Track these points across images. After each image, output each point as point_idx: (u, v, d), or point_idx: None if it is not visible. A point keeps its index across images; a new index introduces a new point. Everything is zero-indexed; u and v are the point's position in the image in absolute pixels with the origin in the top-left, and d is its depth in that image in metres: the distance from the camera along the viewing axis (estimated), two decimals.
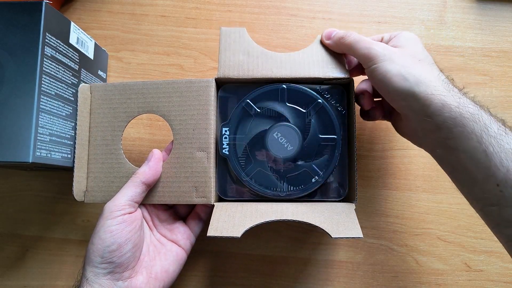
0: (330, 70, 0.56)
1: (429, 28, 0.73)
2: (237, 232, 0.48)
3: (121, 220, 0.51)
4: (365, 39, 0.53)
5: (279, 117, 0.56)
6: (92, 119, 0.59)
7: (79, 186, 0.58)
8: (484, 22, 0.73)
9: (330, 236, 0.47)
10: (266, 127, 0.56)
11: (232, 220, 0.50)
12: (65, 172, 0.69)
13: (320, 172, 0.56)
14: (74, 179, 0.57)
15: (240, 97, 0.58)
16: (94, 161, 0.58)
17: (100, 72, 0.68)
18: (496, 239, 0.66)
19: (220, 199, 0.59)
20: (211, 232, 0.48)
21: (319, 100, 0.57)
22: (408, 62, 0.49)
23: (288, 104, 0.57)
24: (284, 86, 0.57)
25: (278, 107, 0.57)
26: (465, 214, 0.67)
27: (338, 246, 0.67)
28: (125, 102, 0.58)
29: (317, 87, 0.57)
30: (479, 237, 0.67)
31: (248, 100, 0.57)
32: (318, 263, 0.67)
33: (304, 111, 0.57)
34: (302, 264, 0.67)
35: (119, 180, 0.57)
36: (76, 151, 0.58)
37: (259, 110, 0.57)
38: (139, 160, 0.68)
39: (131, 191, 0.53)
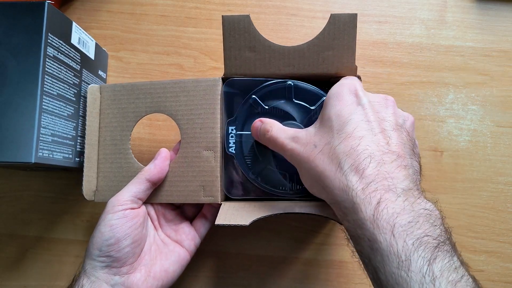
0: (337, 67, 0.55)
1: (429, 28, 0.73)
2: (245, 221, 0.47)
3: (122, 215, 0.51)
4: (281, 143, 0.48)
5: (286, 114, 0.56)
6: (102, 119, 0.60)
7: (89, 186, 0.58)
8: (485, 22, 0.73)
9: (339, 222, 0.46)
10: None
11: (240, 213, 0.50)
12: (65, 172, 0.69)
13: None
14: (84, 178, 0.57)
15: (246, 93, 0.57)
16: (104, 160, 0.59)
17: (100, 72, 0.68)
18: (497, 239, 0.67)
19: (226, 199, 0.58)
20: (219, 221, 0.48)
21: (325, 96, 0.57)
22: (312, 162, 0.44)
23: (295, 101, 0.56)
24: (290, 83, 0.56)
25: (285, 104, 0.56)
26: (465, 214, 0.68)
27: (339, 246, 0.67)
28: (133, 102, 0.59)
29: (323, 90, 0.57)
30: (480, 237, 0.67)
31: (255, 97, 0.57)
32: (318, 263, 0.67)
33: (312, 107, 0.56)
34: (302, 265, 0.67)
35: (128, 179, 0.56)
36: (85, 151, 0.58)
37: (266, 107, 0.57)
38: (139, 160, 0.68)
39: (135, 187, 0.53)
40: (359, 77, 0.56)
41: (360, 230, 0.37)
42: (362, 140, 0.41)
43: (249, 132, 0.56)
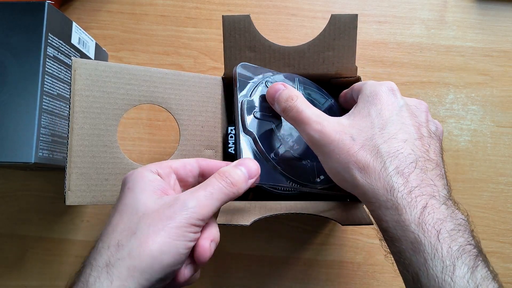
0: (338, 68, 0.55)
1: (429, 28, 0.73)
2: (246, 221, 0.46)
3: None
4: (307, 117, 0.45)
5: None
6: (77, 102, 0.48)
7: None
8: (485, 21, 0.73)
9: (340, 223, 0.46)
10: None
11: (241, 213, 0.49)
12: None
13: None
14: (66, 176, 0.48)
15: (257, 77, 0.55)
16: (81, 153, 0.48)
17: None
18: (497, 239, 0.67)
19: None
20: (220, 220, 0.46)
21: (328, 99, 0.57)
22: (348, 154, 0.41)
23: (305, 96, 0.56)
24: (300, 78, 0.56)
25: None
26: None
27: (339, 246, 0.67)
28: (123, 88, 0.50)
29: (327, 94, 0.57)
30: (480, 237, 0.66)
31: (269, 81, 0.55)
32: (318, 263, 0.67)
33: (321, 104, 0.56)
34: (302, 265, 0.67)
35: (115, 177, 0.49)
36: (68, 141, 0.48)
37: None
38: (138, 161, 0.68)
39: (218, 202, 0.40)
40: (359, 78, 0.56)
41: (402, 231, 0.37)
42: (406, 144, 0.41)
43: (270, 114, 0.54)
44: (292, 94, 0.47)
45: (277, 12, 0.74)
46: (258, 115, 0.53)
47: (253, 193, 0.58)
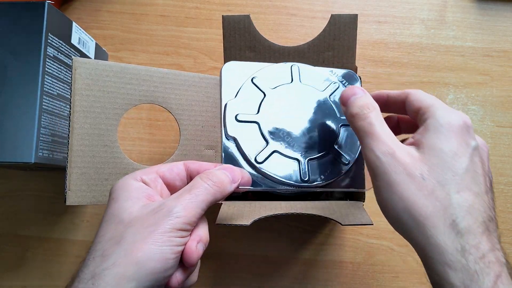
0: (339, 70, 0.55)
1: (429, 28, 0.73)
2: (246, 221, 0.44)
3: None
4: (379, 134, 0.40)
5: (291, 97, 0.53)
6: (78, 101, 0.48)
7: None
8: (485, 21, 0.73)
9: (340, 223, 0.45)
10: (281, 108, 0.52)
11: (241, 213, 0.47)
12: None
13: (344, 154, 0.52)
14: (67, 176, 0.48)
15: (246, 74, 0.53)
16: (81, 153, 0.48)
17: None
18: None
19: (227, 198, 0.57)
20: (220, 221, 0.44)
21: (335, 82, 0.54)
22: (415, 194, 0.37)
23: (302, 83, 0.54)
24: (297, 65, 0.54)
25: (290, 87, 0.53)
26: None
27: (339, 246, 0.67)
28: (124, 87, 0.50)
29: (329, 70, 0.55)
30: None
31: (258, 77, 0.53)
32: (318, 263, 0.67)
33: (322, 91, 0.54)
34: (302, 265, 0.67)
35: (115, 177, 0.49)
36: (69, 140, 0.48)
37: (271, 89, 0.53)
38: (138, 161, 0.68)
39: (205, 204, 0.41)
40: (359, 78, 0.56)
41: None
42: (477, 198, 0.36)
43: (255, 114, 0.52)
44: (370, 103, 0.42)
45: (277, 12, 0.74)
46: (241, 117, 0.51)
47: (252, 193, 0.58)
